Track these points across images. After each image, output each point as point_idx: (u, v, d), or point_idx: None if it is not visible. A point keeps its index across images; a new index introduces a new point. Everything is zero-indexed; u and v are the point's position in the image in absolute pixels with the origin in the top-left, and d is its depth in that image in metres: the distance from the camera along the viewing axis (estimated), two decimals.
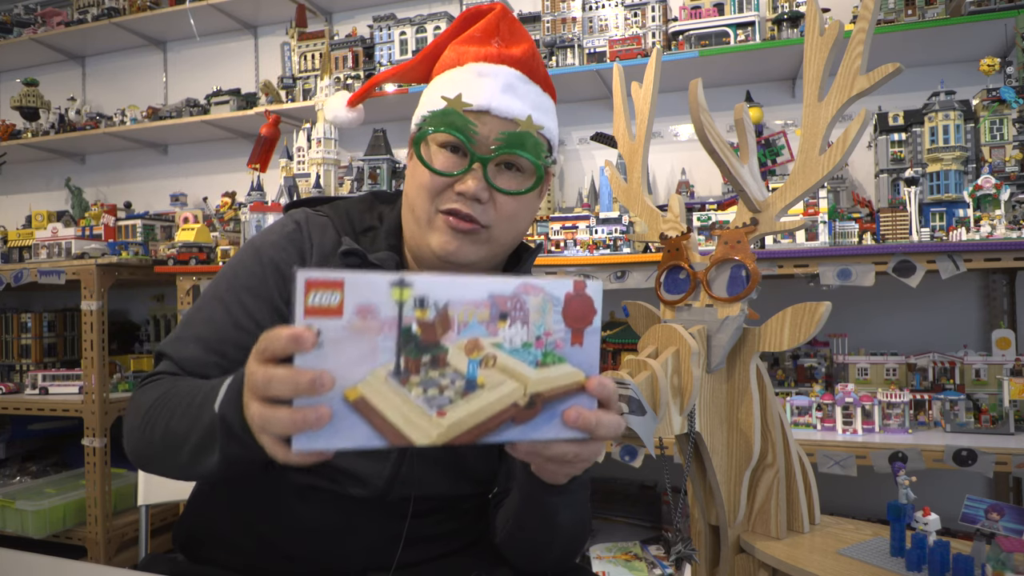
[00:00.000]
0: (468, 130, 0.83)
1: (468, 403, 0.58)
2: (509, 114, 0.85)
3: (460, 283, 0.57)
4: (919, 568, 0.86)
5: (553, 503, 0.78)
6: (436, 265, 0.88)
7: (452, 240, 0.84)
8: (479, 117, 0.84)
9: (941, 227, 1.81)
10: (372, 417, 0.55)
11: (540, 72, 0.93)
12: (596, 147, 2.59)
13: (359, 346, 0.54)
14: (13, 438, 2.89)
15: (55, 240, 2.62)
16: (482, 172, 0.83)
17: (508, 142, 0.83)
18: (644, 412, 0.78)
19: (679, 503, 1.00)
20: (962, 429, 1.73)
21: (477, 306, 0.57)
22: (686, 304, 0.98)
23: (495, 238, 0.87)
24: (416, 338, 0.56)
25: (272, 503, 0.87)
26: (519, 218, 0.89)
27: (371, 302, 0.54)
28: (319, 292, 0.53)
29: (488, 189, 0.84)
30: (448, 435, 0.57)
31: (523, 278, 0.59)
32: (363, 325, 0.54)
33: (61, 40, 3.27)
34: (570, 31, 2.43)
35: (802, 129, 0.93)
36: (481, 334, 0.58)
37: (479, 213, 0.84)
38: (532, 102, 0.88)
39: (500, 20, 0.92)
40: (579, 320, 0.60)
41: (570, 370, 0.61)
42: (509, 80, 0.87)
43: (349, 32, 2.91)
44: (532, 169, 0.87)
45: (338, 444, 0.55)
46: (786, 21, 2.16)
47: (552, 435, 0.61)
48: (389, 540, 0.88)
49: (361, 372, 0.55)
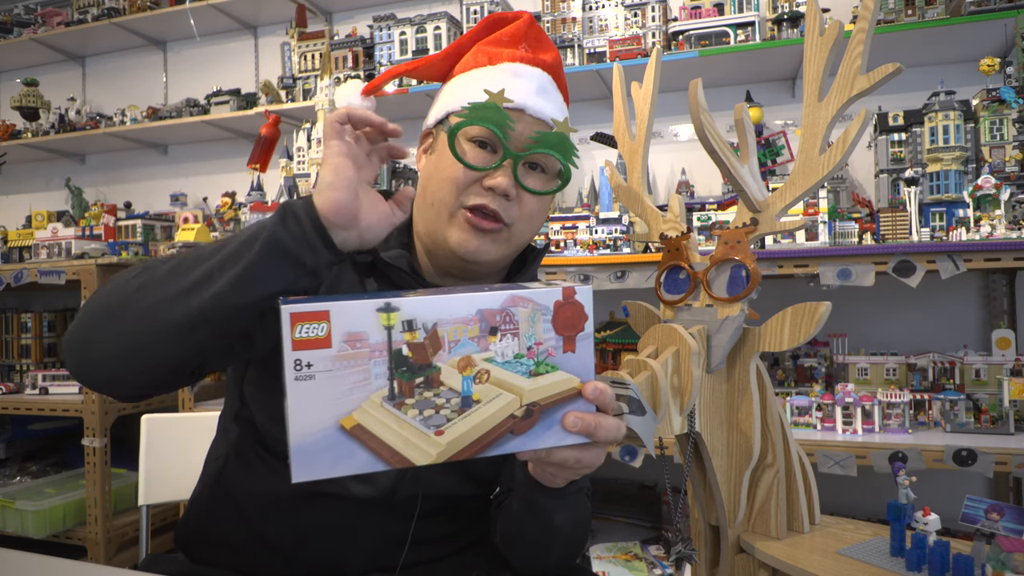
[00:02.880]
0: (505, 125, 0.83)
1: (465, 420, 0.58)
2: (544, 114, 0.87)
3: (447, 302, 0.56)
4: (919, 568, 0.86)
5: (550, 506, 0.78)
6: (452, 261, 0.88)
7: (472, 238, 0.85)
8: (515, 115, 0.85)
9: (941, 227, 1.81)
10: (370, 442, 0.55)
11: (563, 82, 0.96)
12: (596, 147, 2.59)
13: (351, 374, 0.54)
14: (13, 438, 2.88)
15: (55, 240, 2.62)
16: (512, 169, 0.84)
17: (543, 142, 0.85)
18: (644, 412, 0.78)
19: (679, 503, 1.00)
20: (962, 429, 1.73)
21: (466, 323, 0.57)
22: (686, 304, 0.98)
23: (514, 237, 0.88)
24: (407, 361, 0.56)
25: (274, 503, 0.87)
26: (537, 219, 0.90)
27: (359, 329, 0.54)
28: (305, 325, 0.53)
29: (516, 186, 0.85)
30: (448, 453, 0.57)
31: (511, 290, 0.58)
32: (353, 353, 0.54)
33: (61, 40, 3.27)
34: (570, 31, 2.43)
35: (802, 129, 0.93)
36: (473, 350, 0.57)
37: (504, 210, 0.85)
38: (560, 107, 0.91)
39: (529, 27, 0.94)
40: (570, 327, 0.60)
41: (565, 377, 0.61)
42: (542, 83, 0.90)
43: (349, 32, 2.91)
44: (556, 171, 0.89)
45: (338, 471, 0.55)
46: (786, 21, 2.16)
47: (552, 443, 0.61)
48: (391, 541, 0.88)
49: (355, 400, 0.55)
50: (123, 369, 0.71)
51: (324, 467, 0.54)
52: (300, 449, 0.54)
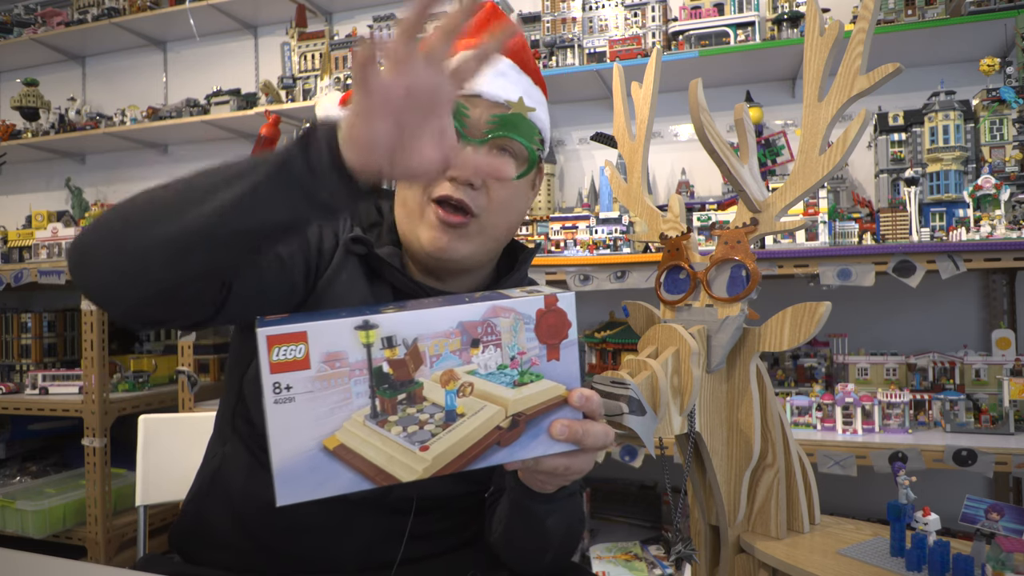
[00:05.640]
0: (460, 113, 0.83)
1: (451, 434, 0.57)
2: (500, 97, 0.85)
3: (427, 316, 0.56)
4: (919, 568, 0.85)
5: (541, 511, 0.78)
6: (428, 261, 0.88)
7: (442, 235, 0.84)
8: (470, 101, 0.84)
9: (941, 227, 1.81)
10: (354, 462, 0.55)
11: (531, 64, 0.93)
12: (596, 147, 2.59)
13: (332, 394, 0.53)
14: (13, 438, 2.88)
15: (55, 240, 2.62)
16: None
17: (500, 124, 0.83)
18: (644, 412, 0.78)
19: (679, 503, 1.00)
20: (962, 429, 1.73)
21: (447, 336, 0.56)
22: (686, 304, 0.98)
23: (486, 229, 0.86)
24: (389, 378, 0.55)
25: (268, 503, 0.87)
26: (511, 208, 0.89)
27: (338, 349, 0.53)
28: (282, 347, 0.52)
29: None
30: (434, 468, 0.57)
31: (492, 301, 0.58)
32: (333, 373, 0.53)
33: (61, 40, 3.27)
34: (570, 31, 2.43)
35: (802, 129, 0.93)
36: (455, 364, 0.57)
37: (471, 199, 0.83)
38: (523, 90, 0.89)
39: (490, 15, 0.92)
40: (554, 335, 0.59)
41: (550, 386, 0.60)
42: (500, 67, 0.88)
43: (349, 32, 2.91)
44: (525, 155, 0.87)
45: (323, 492, 0.54)
46: (786, 21, 2.16)
47: (540, 452, 0.60)
48: (386, 538, 0.88)
49: (338, 420, 0.54)
50: (116, 283, 0.64)
51: (308, 489, 0.54)
52: (283, 472, 0.54)
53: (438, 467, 0.57)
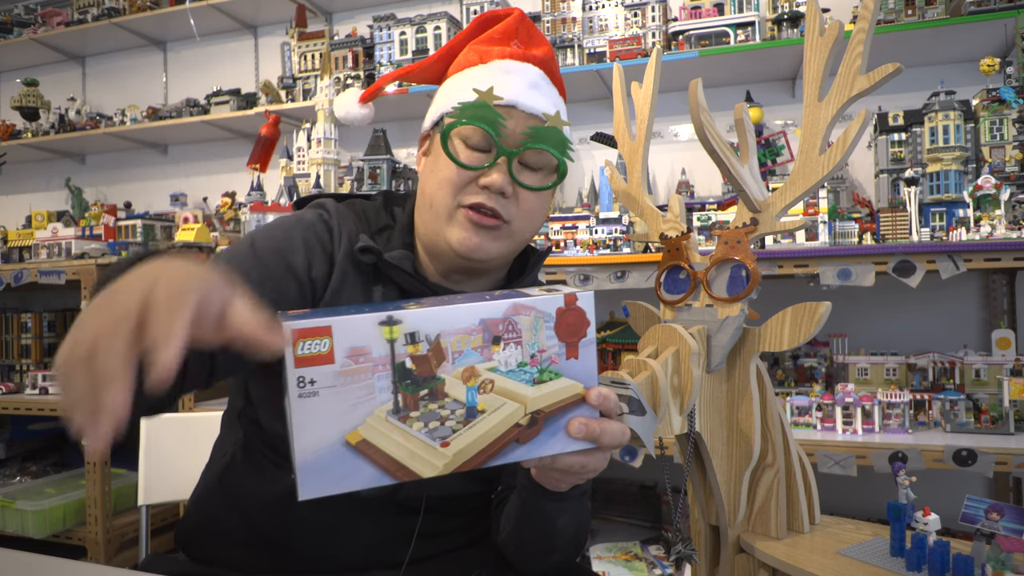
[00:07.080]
0: (497, 123, 0.83)
1: (471, 430, 0.57)
2: (536, 110, 0.86)
3: (450, 312, 0.56)
4: (919, 568, 0.85)
5: (553, 509, 0.78)
6: (453, 260, 0.88)
7: (473, 236, 0.85)
8: (507, 112, 0.85)
9: (941, 227, 1.81)
10: (376, 457, 0.55)
11: (558, 76, 0.95)
12: (596, 147, 2.59)
13: (355, 389, 0.54)
14: (13, 438, 2.88)
15: (55, 240, 2.62)
16: (507, 166, 0.84)
17: (536, 137, 0.84)
18: (644, 412, 0.78)
19: (679, 503, 1.00)
20: (962, 429, 1.73)
21: (469, 333, 0.57)
22: (686, 304, 0.98)
23: (514, 234, 0.88)
24: (411, 373, 0.55)
25: (278, 502, 0.87)
26: (536, 215, 0.90)
27: (361, 344, 0.53)
28: (308, 341, 0.52)
29: (512, 183, 0.84)
30: (454, 464, 0.57)
31: (513, 298, 0.58)
32: (356, 368, 0.53)
33: (61, 40, 3.27)
34: (570, 31, 2.43)
35: (802, 129, 0.93)
36: (476, 360, 0.57)
37: (502, 207, 0.84)
38: (553, 102, 0.90)
39: (519, 23, 0.94)
40: (573, 333, 0.60)
41: (568, 384, 0.60)
42: (534, 78, 0.89)
43: (349, 32, 2.91)
44: (555, 165, 0.88)
45: (345, 487, 0.55)
46: (786, 21, 2.16)
47: (557, 449, 0.61)
48: (392, 537, 0.88)
49: (360, 415, 0.54)
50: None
51: (331, 483, 0.54)
52: (306, 466, 0.54)
53: (458, 463, 0.57)
